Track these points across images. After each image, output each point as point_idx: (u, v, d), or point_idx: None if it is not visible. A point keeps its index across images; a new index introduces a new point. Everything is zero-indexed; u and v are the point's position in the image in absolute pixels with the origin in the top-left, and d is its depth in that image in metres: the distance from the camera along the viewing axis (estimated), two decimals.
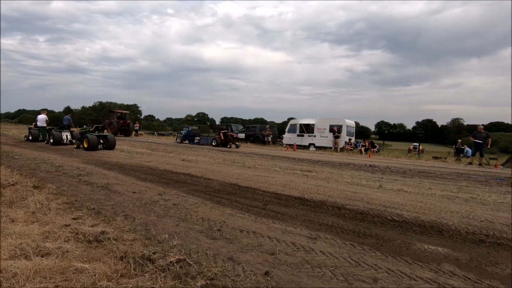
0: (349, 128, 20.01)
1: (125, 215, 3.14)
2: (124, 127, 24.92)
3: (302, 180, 6.20)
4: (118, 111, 26.05)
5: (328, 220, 3.39)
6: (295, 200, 4.29)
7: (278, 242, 2.59)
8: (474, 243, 2.84)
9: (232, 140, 17.26)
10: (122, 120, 24.97)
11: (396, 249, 2.60)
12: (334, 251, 2.46)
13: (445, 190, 5.74)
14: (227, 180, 5.67)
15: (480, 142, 12.47)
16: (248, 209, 3.72)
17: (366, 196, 4.78)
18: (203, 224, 2.98)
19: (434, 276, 2.09)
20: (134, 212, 3.28)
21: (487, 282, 2.04)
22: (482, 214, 3.90)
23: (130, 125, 25.76)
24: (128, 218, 3.06)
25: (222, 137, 17.16)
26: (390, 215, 3.66)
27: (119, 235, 2.53)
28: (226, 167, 7.69)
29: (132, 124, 27.25)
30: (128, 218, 3.06)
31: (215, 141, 17.39)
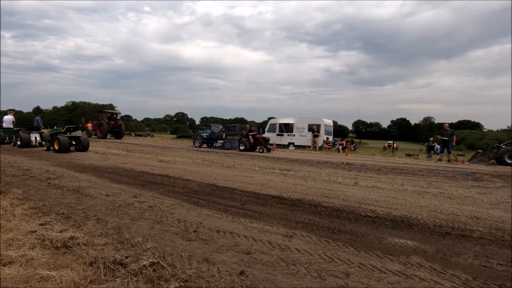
0: (327, 127, 20.43)
1: (97, 219, 3.03)
2: (115, 129, 22.68)
3: (281, 179, 6.25)
4: (109, 110, 23.59)
5: (305, 218, 3.45)
6: (273, 199, 4.33)
7: (255, 241, 2.60)
8: (441, 235, 2.99)
9: (264, 143, 14.95)
10: (113, 121, 22.66)
11: (368, 244, 2.69)
12: (309, 248, 2.50)
13: (416, 185, 6.00)
14: (205, 181, 5.61)
15: (447, 139, 13.18)
16: (226, 209, 3.71)
17: (342, 193, 4.90)
18: (179, 226, 2.93)
19: (402, 268, 2.18)
20: (107, 216, 3.17)
21: (451, 272, 2.15)
22: (449, 208, 4.11)
23: (122, 126, 23.47)
24: (100, 222, 2.96)
25: (251, 140, 14.92)
26: (364, 211, 3.77)
27: (90, 240, 2.44)
28: (205, 168, 7.62)
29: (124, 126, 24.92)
30: (100, 222, 2.96)
31: (243, 145, 14.97)
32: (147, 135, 37.71)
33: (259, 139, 15.02)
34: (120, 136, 23.32)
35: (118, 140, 21.50)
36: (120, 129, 23.16)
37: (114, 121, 22.87)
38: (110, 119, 22.72)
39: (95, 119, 23.74)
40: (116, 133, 22.95)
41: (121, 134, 23.34)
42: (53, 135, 10.87)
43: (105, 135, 21.92)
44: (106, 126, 21.79)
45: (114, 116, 23.36)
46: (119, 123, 23.20)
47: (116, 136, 23.11)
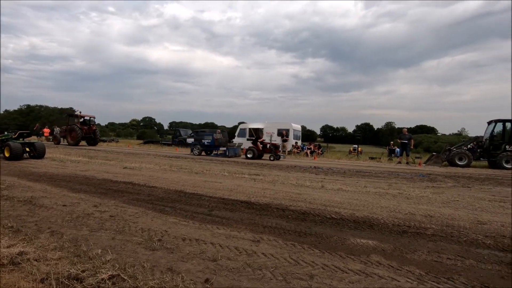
0: (295, 132, 20.90)
1: (52, 232, 2.82)
2: (89, 135, 20.59)
3: (250, 184, 6.27)
4: (82, 114, 21.07)
5: (272, 222, 3.48)
6: (242, 204, 4.32)
7: (221, 248, 2.57)
8: (398, 234, 3.17)
9: (275, 150, 14.04)
10: (86, 126, 20.59)
11: (332, 245, 2.77)
12: (275, 252, 2.53)
13: (378, 187, 6.32)
14: (172, 187, 5.46)
15: (406, 143, 14.13)
16: (193, 216, 3.63)
17: (309, 196, 5.02)
18: (142, 235, 2.82)
19: (363, 267, 2.28)
20: (63, 228, 2.97)
21: (406, 268, 2.29)
22: (406, 208, 4.38)
23: (97, 132, 21.48)
24: (54, 234, 2.76)
25: (260, 147, 14.11)
26: (329, 214, 3.90)
27: (42, 254, 2.26)
28: (172, 174, 7.42)
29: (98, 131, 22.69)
30: (54, 234, 2.76)
31: (251, 153, 13.99)
32: (111, 140, 35.84)
33: (268, 146, 14.29)
34: (94, 143, 21.21)
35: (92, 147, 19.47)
36: (95, 135, 21.12)
37: (88, 127, 20.76)
38: (83, 124, 20.61)
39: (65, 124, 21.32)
40: (90, 139, 20.86)
41: (95, 141, 21.29)
42: (3, 141, 9.96)
43: (77, 142, 19.71)
44: (79, 132, 19.60)
45: (88, 121, 21.23)
46: (94, 129, 21.09)
47: (89, 143, 20.98)
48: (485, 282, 2.10)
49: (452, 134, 78.69)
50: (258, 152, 13.99)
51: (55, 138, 21.48)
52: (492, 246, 2.85)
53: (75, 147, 18.50)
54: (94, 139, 21.02)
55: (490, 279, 2.15)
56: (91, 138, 20.79)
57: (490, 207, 4.62)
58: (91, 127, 20.89)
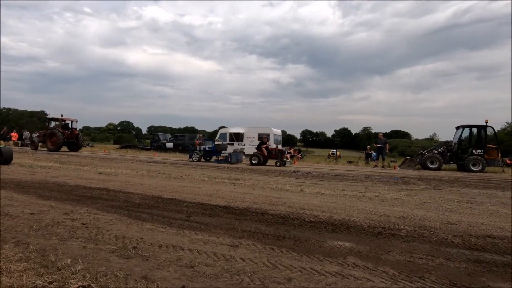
0: (276, 136, 21.07)
1: (17, 242, 2.66)
2: (71, 140, 19.23)
3: (229, 188, 6.23)
4: (64, 118, 19.54)
5: (251, 226, 3.47)
6: (221, 209, 4.28)
7: (199, 254, 2.53)
8: (374, 235, 3.26)
9: (281, 156, 13.62)
10: (68, 131, 19.21)
11: (310, 248, 2.80)
12: (254, 256, 2.51)
13: (355, 190, 6.48)
14: (149, 193, 5.32)
15: (381, 147, 14.66)
16: (171, 222, 3.55)
17: (288, 200, 5.06)
18: (116, 243, 2.71)
19: (340, 269, 2.32)
20: (29, 237, 2.80)
21: (381, 268, 2.35)
22: (381, 210, 4.52)
23: (80, 137, 20.16)
24: (20, 245, 2.59)
25: (265, 153, 13.62)
26: (308, 217, 3.94)
27: (5, 266, 2.12)
28: (150, 179, 7.24)
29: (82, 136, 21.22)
30: (20, 245, 2.59)
31: (256, 159, 13.50)
32: (86, 145, 34.43)
33: (273, 151, 13.85)
34: (77, 148, 19.81)
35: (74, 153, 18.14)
36: (78, 140, 19.70)
37: (70, 131, 19.35)
38: (65, 128, 19.20)
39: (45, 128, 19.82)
40: (71, 144, 19.41)
41: (78, 146, 19.89)
42: None
43: (58, 147, 18.30)
44: (61, 137, 18.22)
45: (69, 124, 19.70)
46: (76, 133, 19.74)
47: (71, 148, 19.56)
48: (453, 279, 2.19)
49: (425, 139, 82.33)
50: (264, 158, 13.59)
51: (33, 143, 19.92)
52: (460, 245, 2.99)
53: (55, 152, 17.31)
54: (76, 144, 19.69)
55: (458, 276, 2.25)
56: (73, 143, 19.46)
57: (459, 208, 4.86)
58: (74, 132, 19.57)
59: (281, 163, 13.31)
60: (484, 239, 3.22)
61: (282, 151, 14.03)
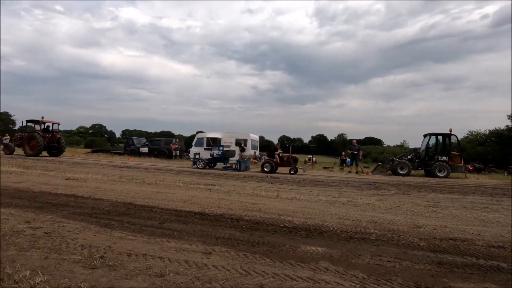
0: (253, 142, 21.13)
1: None
2: (52, 144, 17.89)
3: (205, 194, 6.15)
4: (44, 120, 18.24)
5: (226, 232, 3.43)
6: (195, 216, 4.21)
7: (170, 262, 2.46)
8: (346, 240, 3.34)
9: (293, 163, 13.17)
10: (49, 134, 17.90)
11: (284, 253, 2.82)
12: (227, 263, 2.49)
13: (329, 195, 6.62)
14: (121, 199, 5.13)
15: (355, 153, 15.16)
16: (142, 229, 3.43)
17: (264, 206, 5.07)
18: (82, 253, 2.58)
19: (312, 274, 2.35)
20: None
21: (351, 272, 2.41)
22: (353, 215, 4.64)
23: (62, 141, 18.72)
24: None
25: (278, 161, 13.14)
26: (283, 222, 3.97)
27: None
28: (122, 185, 6.98)
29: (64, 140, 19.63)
30: None
31: (268, 166, 12.97)
32: None
33: (287, 159, 13.36)
34: (59, 152, 18.42)
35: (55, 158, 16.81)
36: (59, 144, 18.37)
37: (51, 134, 17.94)
38: (46, 131, 17.80)
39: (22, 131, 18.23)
40: (53, 149, 18.08)
41: (60, 151, 18.58)
42: None
43: (37, 152, 16.94)
44: (41, 141, 16.89)
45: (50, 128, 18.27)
46: (58, 137, 18.32)
47: (52, 153, 18.14)
48: (418, 281, 2.29)
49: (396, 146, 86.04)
50: (276, 165, 13.10)
51: (7, 147, 18.37)
52: (425, 248, 3.14)
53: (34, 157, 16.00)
54: (58, 148, 18.35)
55: (422, 278, 2.36)
56: (54, 147, 18.10)
57: (425, 212, 5.10)
58: (55, 135, 18.20)
59: (295, 170, 12.88)
60: (447, 241, 3.40)
61: (295, 158, 13.59)
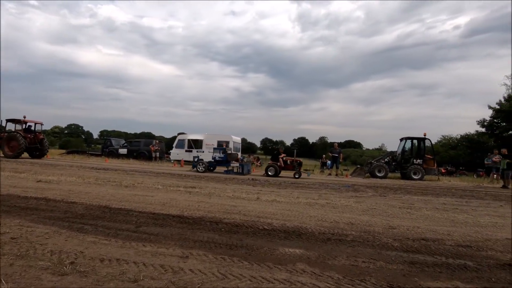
0: (235, 144, 21.09)
1: None
2: (34, 145, 16.68)
3: (185, 197, 6.06)
4: (26, 120, 17.03)
5: (204, 236, 3.40)
6: (173, 219, 4.13)
7: (145, 267, 2.40)
8: (323, 241, 3.39)
9: (298, 167, 12.79)
10: (31, 135, 16.67)
11: (262, 256, 2.82)
12: (204, 267, 2.46)
13: (309, 198, 6.71)
14: (95, 203, 4.95)
15: (336, 156, 15.47)
16: (117, 233, 3.33)
17: (244, 208, 5.06)
18: (51, 259, 2.46)
19: (288, 276, 2.36)
20: None
21: (327, 273, 2.45)
22: (332, 216, 4.73)
23: (44, 142, 17.40)
24: None
25: (282, 164, 12.83)
26: (262, 225, 3.98)
27: None
28: (98, 187, 6.75)
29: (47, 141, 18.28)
30: None
31: (273, 170, 12.63)
32: None
33: (290, 162, 12.99)
34: (41, 154, 17.26)
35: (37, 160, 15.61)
36: (42, 146, 17.11)
37: (33, 135, 16.75)
38: (28, 132, 16.66)
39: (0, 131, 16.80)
40: (34, 150, 16.92)
41: (42, 152, 17.37)
42: None
43: (18, 153, 15.74)
44: (23, 142, 15.72)
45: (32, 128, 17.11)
46: (41, 138, 17.08)
47: (34, 154, 16.99)
48: (390, 281, 2.36)
49: (375, 149, 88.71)
50: (280, 169, 12.80)
51: None
52: (398, 248, 3.24)
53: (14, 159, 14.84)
54: (40, 150, 17.16)
55: (395, 278, 2.43)
56: (36, 148, 16.94)
57: (400, 213, 5.28)
58: (37, 136, 16.98)
59: (299, 174, 12.60)
60: (419, 241, 3.53)
61: (300, 162, 13.26)
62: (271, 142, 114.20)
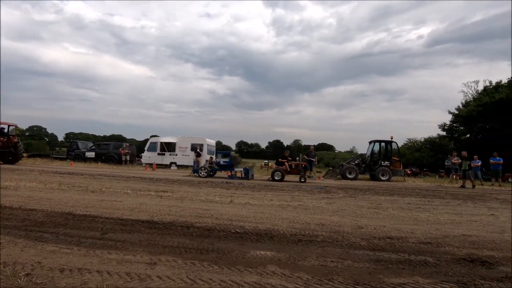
0: (209, 147, 20.89)
1: None
2: (7, 149, 15.31)
3: (155, 201, 5.88)
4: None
5: (174, 241, 3.31)
6: (142, 224, 3.99)
7: (109, 275, 2.29)
8: (294, 243, 3.44)
9: (303, 171, 12.66)
10: (4, 138, 15.34)
11: (233, 259, 2.80)
12: (172, 273, 2.40)
13: (282, 200, 6.78)
14: (58, 209, 4.67)
15: (312, 160, 15.82)
16: (80, 241, 3.16)
17: (216, 212, 5.01)
18: (3, 271, 2.28)
19: (259, 278, 2.37)
20: None
21: (297, 274, 2.48)
22: (303, 218, 4.81)
23: (19, 145, 15.99)
24: None
25: (288, 168, 12.69)
26: (234, 228, 3.96)
27: None
28: (61, 193, 6.37)
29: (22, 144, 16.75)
30: None
31: (279, 175, 12.41)
32: None
33: (295, 166, 12.83)
34: (15, 159, 15.68)
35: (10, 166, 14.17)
36: (16, 150, 15.68)
37: (6, 138, 15.33)
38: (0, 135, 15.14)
39: None
40: (7, 155, 15.47)
41: (16, 157, 15.87)
42: None
43: None
44: None
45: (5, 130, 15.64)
46: (15, 141, 15.63)
47: (6, 159, 15.40)
48: (357, 279, 2.44)
49: (346, 151, 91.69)
50: (286, 173, 12.64)
51: None
52: (365, 247, 3.37)
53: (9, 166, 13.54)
54: (14, 154, 15.69)
55: (361, 276, 2.52)
56: (10, 153, 15.53)
57: (368, 213, 5.49)
58: (11, 139, 15.61)
59: (305, 179, 12.46)
60: (385, 240, 3.69)
61: (305, 166, 13.21)
62: (246, 145, 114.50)
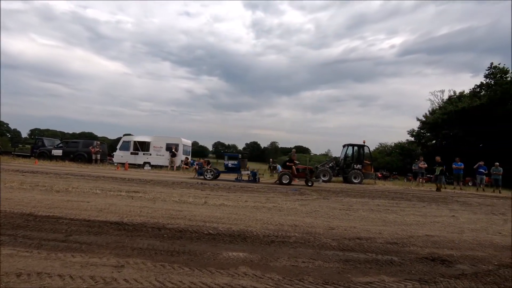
0: (185, 147, 20.52)
1: None
2: None
3: (126, 202, 5.68)
4: None
5: (144, 243, 3.21)
6: (111, 226, 3.84)
7: (72, 280, 2.18)
8: (267, 244, 3.46)
9: (310, 174, 12.42)
10: None
11: (204, 261, 2.76)
12: (140, 276, 2.32)
13: (257, 201, 6.80)
14: (17, 210, 4.37)
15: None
16: (41, 244, 2.98)
17: (189, 213, 4.92)
18: None
19: (230, 280, 2.35)
20: None
21: (268, 275, 2.50)
22: (277, 219, 4.85)
23: None
24: None
25: (295, 172, 12.38)
26: (207, 229, 3.91)
27: None
28: (22, 193, 5.97)
29: None
30: None
31: (287, 178, 12.17)
32: None
33: (302, 170, 12.54)
34: None
35: None
36: None
37: None
38: None
39: None
40: None
41: None
42: None
43: None
44: None
45: None
46: None
47: None
48: (326, 279, 2.49)
49: (321, 154, 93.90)
50: (293, 177, 12.43)
51: None
52: (336, 247, 3.45)
53: None
54: None
55: (330, 275, 2.58)
56: None
57: (339, 215, 5.64)
58: None
59: (312, 183, 12.30)
60: (354, 240, 3.81)
61: (312, 170, 13.00)
62: (223, 146, 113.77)
